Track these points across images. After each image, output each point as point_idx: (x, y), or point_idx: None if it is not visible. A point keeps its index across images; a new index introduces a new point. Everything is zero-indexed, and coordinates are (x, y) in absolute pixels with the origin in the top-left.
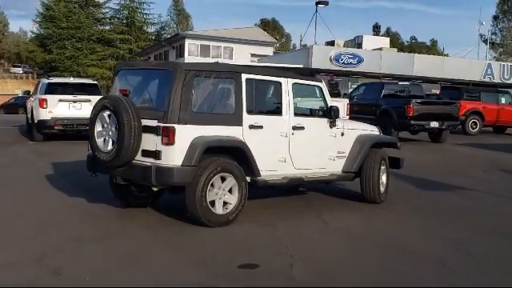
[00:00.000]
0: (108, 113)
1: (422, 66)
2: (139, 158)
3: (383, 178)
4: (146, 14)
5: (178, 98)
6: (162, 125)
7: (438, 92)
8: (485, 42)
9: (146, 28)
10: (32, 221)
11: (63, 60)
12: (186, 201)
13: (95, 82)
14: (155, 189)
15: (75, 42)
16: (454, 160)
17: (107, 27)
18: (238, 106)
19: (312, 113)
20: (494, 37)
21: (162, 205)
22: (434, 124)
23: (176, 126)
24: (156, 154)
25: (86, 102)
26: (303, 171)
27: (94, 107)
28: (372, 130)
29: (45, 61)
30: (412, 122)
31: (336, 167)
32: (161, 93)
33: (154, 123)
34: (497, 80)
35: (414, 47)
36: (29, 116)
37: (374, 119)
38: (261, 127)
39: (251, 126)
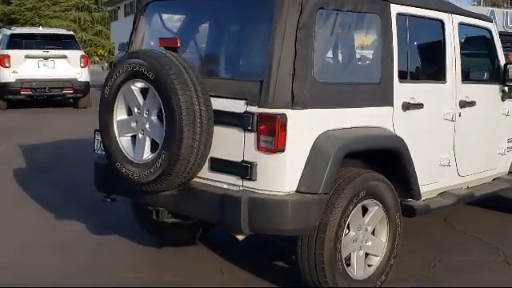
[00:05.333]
0: (141, 85)
1: None
2: (205, 175)
3: None
4: None
5: (289, 55)
6: (257, 110)
7: None
8: None
9: None
10: None
11: (23, 12)
12: (296, 259)
13: (71, 33)
14: (241, 237)
15: None
16: None
17: None
18: (385, 68)
19: (481, 76)
20: None
21: (220, 237)
22: None
23: (288, 112)
24: (244, 170)
25: (60, 58)
26: (469, 179)
27: (109, 76)
28: None
29: (4, 13)
30: None
31: (503, 166)
32: (249, 44)
33: (237, 107)
34: (500, 28)
35: None
36: None
37: None
38: (420, 106)
39: (406, 106)
